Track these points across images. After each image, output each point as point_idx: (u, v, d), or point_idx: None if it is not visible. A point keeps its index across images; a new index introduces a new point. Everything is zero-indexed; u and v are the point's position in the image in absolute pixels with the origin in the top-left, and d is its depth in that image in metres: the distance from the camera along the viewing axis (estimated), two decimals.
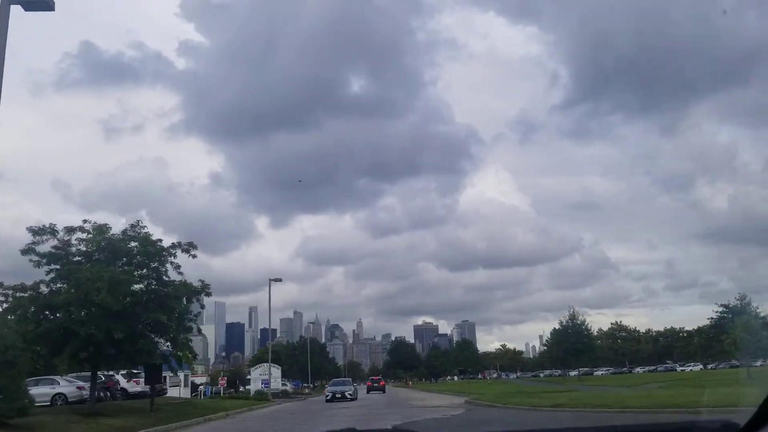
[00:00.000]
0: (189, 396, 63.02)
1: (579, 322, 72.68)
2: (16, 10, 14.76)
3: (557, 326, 75.00)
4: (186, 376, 65.31)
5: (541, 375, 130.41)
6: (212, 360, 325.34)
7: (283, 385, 76.00)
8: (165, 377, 61.57)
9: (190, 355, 33.48)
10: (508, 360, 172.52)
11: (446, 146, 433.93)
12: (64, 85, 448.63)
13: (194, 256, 29.67)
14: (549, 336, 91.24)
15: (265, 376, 69.54)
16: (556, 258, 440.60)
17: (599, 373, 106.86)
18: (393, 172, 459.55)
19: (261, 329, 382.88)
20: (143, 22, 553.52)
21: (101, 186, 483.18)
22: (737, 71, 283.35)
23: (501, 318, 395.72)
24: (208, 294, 30.62)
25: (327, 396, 48.90)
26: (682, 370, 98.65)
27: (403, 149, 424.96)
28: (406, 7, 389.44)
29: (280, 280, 57.02)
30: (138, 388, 40.61)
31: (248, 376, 73.33)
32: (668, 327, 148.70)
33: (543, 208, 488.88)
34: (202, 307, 37.14)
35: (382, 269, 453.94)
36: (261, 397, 54.94)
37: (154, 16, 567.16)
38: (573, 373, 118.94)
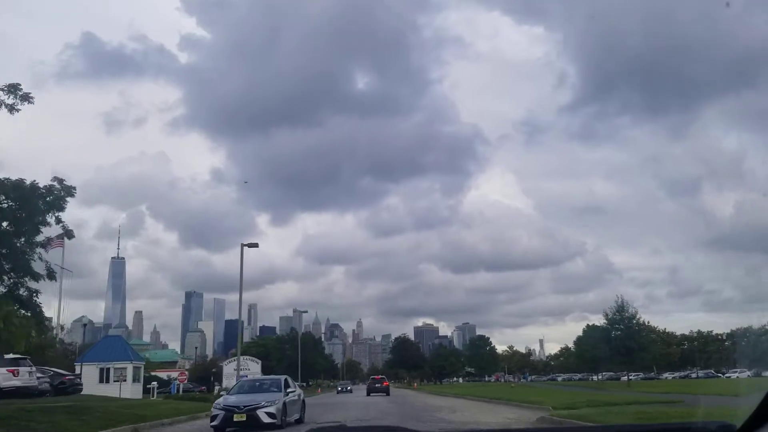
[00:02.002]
0: (140, 395, 48.31)
1: (630, 314, 57.60)
2: None
3: (595, 322, 59.57)
4: (138, 369, 50.46)
5: (559, 379, 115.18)
6: (210, 356, 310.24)
7: None
8: (80, 368, 47.00)
9: (17, 323, 18.28)
10: (516, 362, 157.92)
11: (451, 146, 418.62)
12: (65, 77, 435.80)
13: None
14: (582, 332, 76.54)
15: (241, 372, 54.63)
16: (558, 262, 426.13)
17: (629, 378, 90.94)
18: (397, 172, 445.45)
19: (260, 326, 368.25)
20: (145, 15, 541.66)
21: (101, 180, 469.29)
22: (748, 73, 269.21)
23: (502, 321, 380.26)
24: (67, 195, 15.95)
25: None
26: (728, 377, 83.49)
27: (408, 148, 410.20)
28: (413, 3, 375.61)
29: (256, 245, 42.22)
30: (17, 381, 25.59)
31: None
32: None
33: (547, 211, 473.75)
34: (66, 233, 21.99)
35: (384, 269, 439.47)
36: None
37: (155, 9, 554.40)
38: (596, 377, 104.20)
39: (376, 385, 56.54)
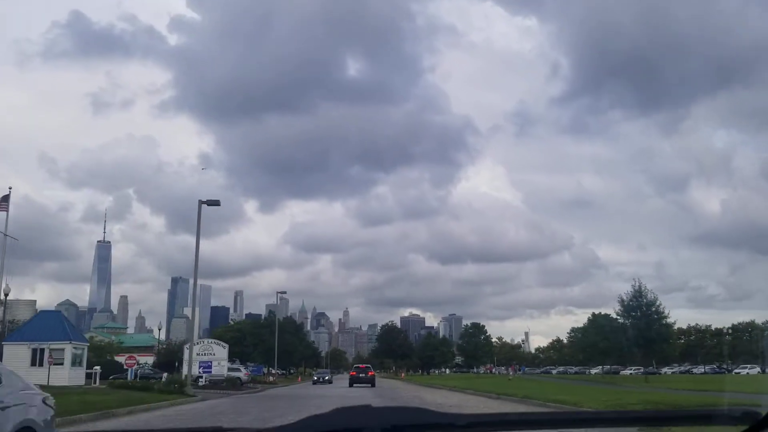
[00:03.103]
0: (81, 381, 40.20)
1: (649, 300, 49.84)
2: None
3: (593, 312, 51.59)
4: (79, 351, 42.23)
5: (553, 372, 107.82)
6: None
7: (234, 370, 53.10)
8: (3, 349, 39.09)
9: None
10: (506, 354, 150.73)
11: (442, 136, 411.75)
12: (51, 56, 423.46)
13: None
14: (587, 322, 68.90)
15: (204, 358, 46.62)
16: (545, 255, 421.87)
17: (627, 372, 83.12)
18: (386, 161, 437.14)
19: (246, 314, 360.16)
20: None
21: (88, 162, 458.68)
22: (740, 71, 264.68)
23: (488, 313, 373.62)
24: None
25: None
26: (737, 373, 76.22)
27: (398, 137, 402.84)
28: None
29: (216, 203, 34.21)
30: None
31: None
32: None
33: (535, 204, 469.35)
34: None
35: (372, 259, 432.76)
36: (172, 388, 31.97)
37: None
38: (595, 370, 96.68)
39: (360, 375, 48.79)
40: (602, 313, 67.44)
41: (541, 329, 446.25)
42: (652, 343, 49.40)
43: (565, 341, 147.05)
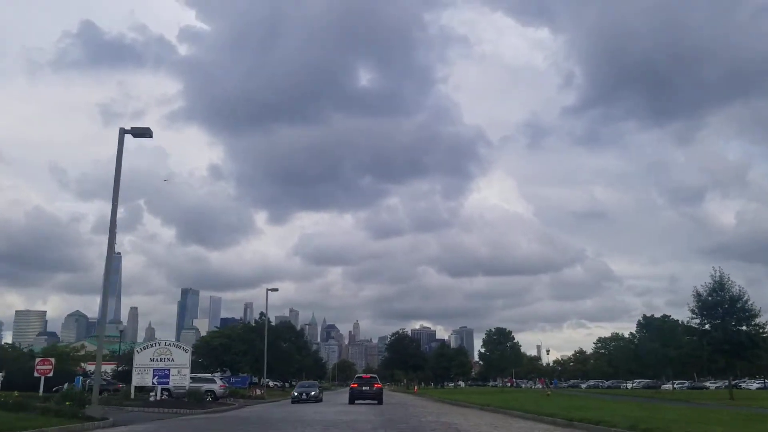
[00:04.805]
0: None
1: (735, 294, 37.59)
2: None
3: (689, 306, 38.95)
4: None
5: (583, 386, 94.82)
6: None
7: (204, 381, 41.35)
8: None
9: None
10: (524, 367, 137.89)
11: (453, 148, 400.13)
12: (62, 66, 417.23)
13: None
14: (637, 326, 56.42)
15: (159, 364, 34.90)
16: (557, 268, 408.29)
17: (675, 386, 69.95)
18: (397, 172, 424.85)
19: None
20: (145, 5, 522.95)
21: (98, 173, 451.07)
22: (755, 82, 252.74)
23: (499, 326, 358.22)
24: None
25: None
26: None
27: (410, 148, 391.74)
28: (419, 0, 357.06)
29: (147, 132, 22.67)
30: None
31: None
32: None
33: (547, 217, 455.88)
34: None
35: (382, 271, 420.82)
36: (64, 407, 20.36)
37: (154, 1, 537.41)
38: (631, 385, 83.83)
39: (363, 389, 36.87)
40: (654, 315, 55.53)
41: (553, 343, 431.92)
42: (740, 350, 37.11)
43: (588, 352, 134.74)
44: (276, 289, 54.72)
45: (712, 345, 37.50)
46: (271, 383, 75.09)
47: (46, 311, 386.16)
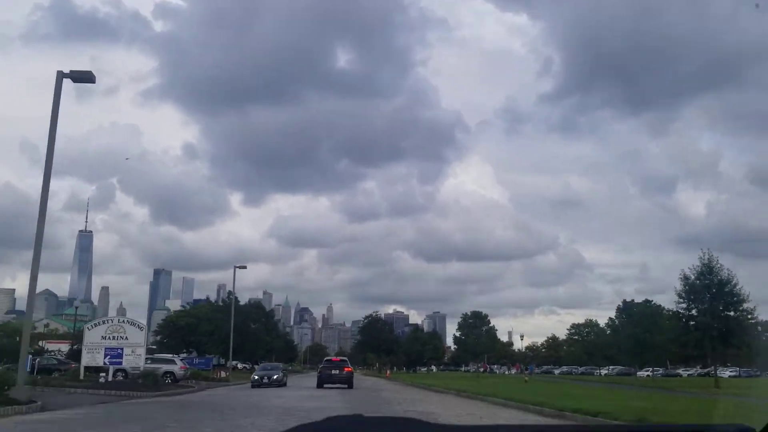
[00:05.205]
0: None
1: (724, 278, 35.73)
2: None
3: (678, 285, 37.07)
4: None
5: (556, 372, 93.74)
6: None
7: (163, 362, 38.55)
8: None
9: None
10: (497, 352, 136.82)
11: (431, 132, 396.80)
12: (33, 39, 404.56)
13: None
14: (616, 312, 54.62)
15: (111, 343, 31.97)
16: (530, 255, 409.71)
17: (648, 373, 68.47)
18: (374, 155, 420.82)
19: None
20: None
21: (71, 150, 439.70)
22: (731, 73, 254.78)
23: (475, 310, 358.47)
24: None
25: None
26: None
27: (387, 132, 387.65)
28: None
29: (88, 78, 19.52)
30: None
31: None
32: None
33: (522, 203, 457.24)
34: None
35: (357, 255, 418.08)
36: None
37: None
38: (604, 372, 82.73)
39: (333, 373, 34.41)
40: (634, 300, 53.85)
41: (524, 329, 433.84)
42: (729, 336, 35.33)
43: (561, 339, 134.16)
44: (244, 267, 51.84)
45: (700, 330, 35.69)
46: (240, 365, 72.45)
47: (14, 289, 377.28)
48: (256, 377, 36.38)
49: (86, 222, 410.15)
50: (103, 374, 31.10)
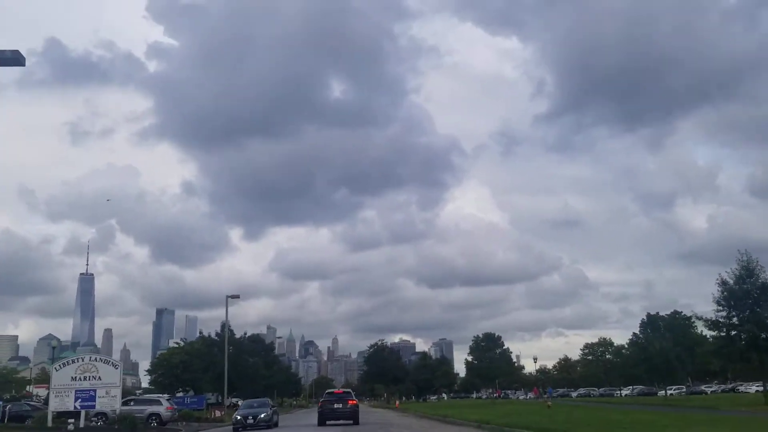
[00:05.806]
0: None
1: (766, 281, 31.71)
2: None
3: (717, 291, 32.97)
4: None
5: (573, 395, 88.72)
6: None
7: (148, 403, 34.27)
8: None
9: None
10: (511, 376, 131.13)
11: (428, 158, 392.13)
12: (28, 84, 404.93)
13: None
14: (640, 325, 50.28)
15: (83, 384, 27.79)
16: (534, 277, 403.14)
17: (672, 391, 63.58)
18: (372, 184, 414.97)
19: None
20: (111, 22, 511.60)
21: (68, 194, 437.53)
22: (725, 87, 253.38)
23: (487, 332, 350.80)
24: None
25: None
26: None
27: (384, 160, 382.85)
28: (388, 12, 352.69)
29: (17, 60, 15.68)
30: None
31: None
32: None
33: (523, 225, 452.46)
34: None
35: (359, 285, 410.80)
36: None
37: (121, 16, 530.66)
38: (625, 392, 77.75)
39: (335, 406, 30.17)
40: (658, 313, 49.53)
41: (533, 352, 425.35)
42: None
43: (573, 360, 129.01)
44: (237, 296, 47.70)
45: (745, 341, 31.52)
46: (240, 402, 67.67)
47: (17, 335, 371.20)
48: (239, 417, 30.43)
49: (87, 265, 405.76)
50: (71, 420, 26.87)
